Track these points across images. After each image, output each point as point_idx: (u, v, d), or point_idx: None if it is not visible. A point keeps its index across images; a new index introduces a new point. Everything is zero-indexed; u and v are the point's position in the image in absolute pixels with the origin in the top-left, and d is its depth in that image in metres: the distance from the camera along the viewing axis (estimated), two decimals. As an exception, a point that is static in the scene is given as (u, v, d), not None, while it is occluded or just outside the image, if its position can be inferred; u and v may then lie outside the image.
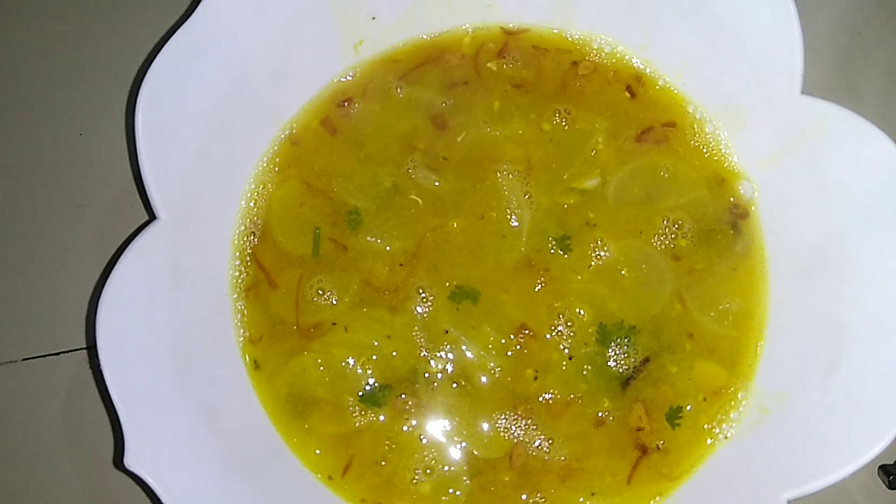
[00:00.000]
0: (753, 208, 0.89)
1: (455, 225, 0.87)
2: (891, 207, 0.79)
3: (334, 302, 0.86)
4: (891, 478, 0.84)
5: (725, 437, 0.83)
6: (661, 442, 0.83)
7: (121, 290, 0.75)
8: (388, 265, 0.86)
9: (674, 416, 0.83)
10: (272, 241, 0.88)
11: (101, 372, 0.73)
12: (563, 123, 0.91)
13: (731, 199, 0.89)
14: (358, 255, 0.87)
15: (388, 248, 0.87)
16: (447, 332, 0.84)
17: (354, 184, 0.89)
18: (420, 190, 0.89)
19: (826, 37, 0.99)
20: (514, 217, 0.88)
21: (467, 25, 0.95)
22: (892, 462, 0.85)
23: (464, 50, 0.94)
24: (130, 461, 0.72)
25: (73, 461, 0.88)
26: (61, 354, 0.91)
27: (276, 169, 0.90)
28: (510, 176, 0.89)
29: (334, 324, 0.85)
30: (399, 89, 0.92)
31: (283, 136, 0.91)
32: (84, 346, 0.90)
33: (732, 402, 0.84)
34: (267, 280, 0.86)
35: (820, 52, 0.85)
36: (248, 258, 0.87)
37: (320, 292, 0.86)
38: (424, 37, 0.94)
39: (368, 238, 0.87)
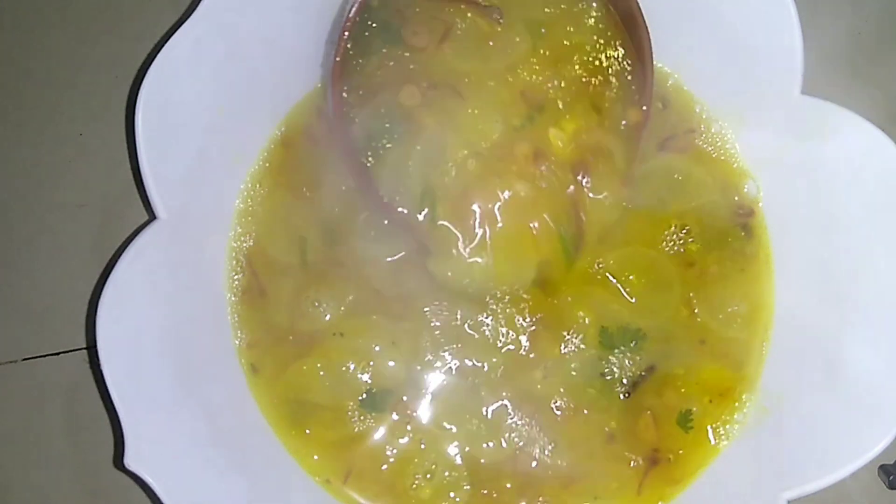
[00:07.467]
0: (757, 209, 0.89)
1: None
2: (891, 207, 0.79)
3: (332, 308, 0.85)
4: (891, 478, 0.84)
5: (727, 438, 0.83)
6: (668, 446, 0.83)
7: (121, 290, 0.75)
8: (386, 270, 0.85)
9: (685, 420, 0.83)
10: (266, 245, 0.87)
11: (101, 372, 0.73)
12: None
13: (736, 199, 0.88)
14: (356, 261, 0.85)
15: (386, 252, 0.86)
16: (447, 336, 0.84)
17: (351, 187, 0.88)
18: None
19: (826, 37, 0.98)
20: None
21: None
22: (892, 462, 0.85)
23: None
24: (130, 461, 0.72)
25: (73, 461, 0.88)
26: (61, 354, 0.90)
27: (273, 170, 0.89)
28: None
29: (335, 334, 0.84)
30: None
31: (282, 136, 0.91)
32: (84, 346, 0.90)
33: (736, 404, 0.84)
34: (259, 285, 0.86)
35: (820, 52, 0.85)
36: (244, 261, 0.87)
37: (317, 302, 0.85)
38: (424, 37, 0.94)
39: (366, 242, 0.86)
